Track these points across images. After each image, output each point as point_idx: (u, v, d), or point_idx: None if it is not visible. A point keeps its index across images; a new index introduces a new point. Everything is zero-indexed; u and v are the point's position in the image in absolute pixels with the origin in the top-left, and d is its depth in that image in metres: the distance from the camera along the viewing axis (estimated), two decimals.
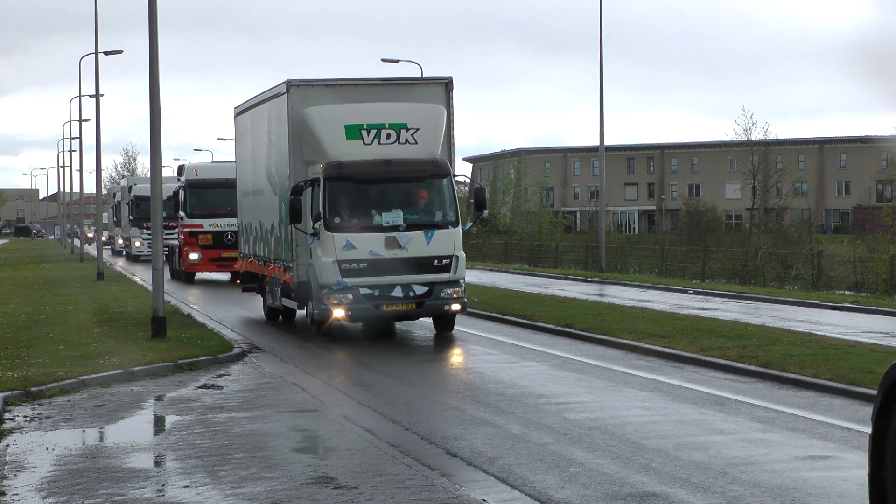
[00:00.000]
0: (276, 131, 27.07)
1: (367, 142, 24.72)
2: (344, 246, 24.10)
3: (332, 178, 24.47)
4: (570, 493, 11.49)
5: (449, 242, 24.60)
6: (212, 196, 46.11)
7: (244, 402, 17.48)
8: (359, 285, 24.21)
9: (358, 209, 24.69)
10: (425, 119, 25.14)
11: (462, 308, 24.87)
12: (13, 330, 27.01)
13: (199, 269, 47.73)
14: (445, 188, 25.01)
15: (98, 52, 52.94)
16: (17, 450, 14.06)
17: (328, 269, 24.23)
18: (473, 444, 13.93)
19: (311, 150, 25.26)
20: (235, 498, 11.45)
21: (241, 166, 32.55)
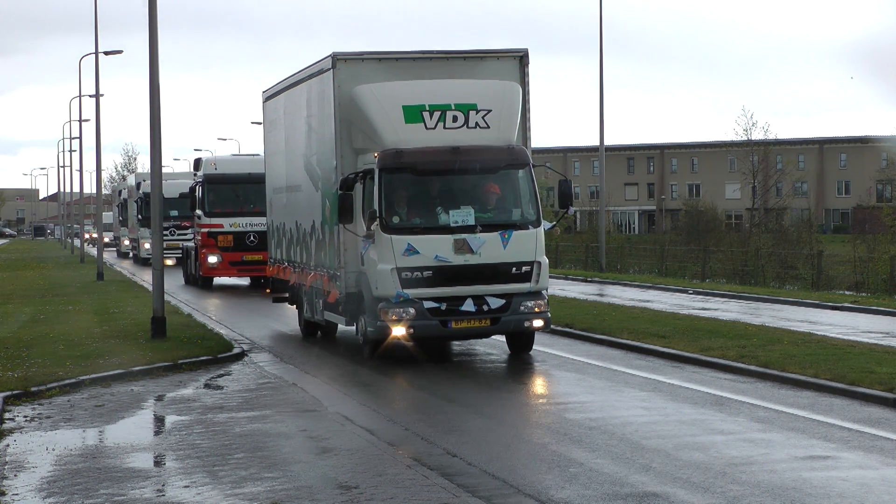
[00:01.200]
0: (318, 115, 23.25)
1: (430, 125, 20.87)
2: (404, 250, 20.26)
3: (389, 168, 20.53)
4: (571, 494, 11.49)
5: (529, 246, 20.79)
6: (233, 192, 42.29)
7: (244, 402, 17.48)
8: (422, 297, 20.37)
9: (421, 206, 20.95)
10: (498, 99, 21.28)
11: (545, 324, 21.04)
12: (13, 330, 27.01)
13: (218, 274, 43.05)
14: (524, 180, 21.21)
15: (98, 52, 52.97)
16: (17, 450, 14.07)
17: (385, 279, 20.34)
18: None
19: (362, 136, 21.42)
20: (235, 498, 11.45)
21: (272, 159, 28.28)
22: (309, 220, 24.23)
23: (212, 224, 42.25)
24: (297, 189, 25.34)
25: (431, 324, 20.42)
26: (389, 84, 21.42)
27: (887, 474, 12.02)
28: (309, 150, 24.05)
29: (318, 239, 23.57)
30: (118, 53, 56.56)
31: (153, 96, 24.99)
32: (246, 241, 41.93)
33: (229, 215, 42.11)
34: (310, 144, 23.95)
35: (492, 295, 20.56)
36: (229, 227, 42.11)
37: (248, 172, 40.71)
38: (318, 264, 23.53)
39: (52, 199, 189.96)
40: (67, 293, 40.34)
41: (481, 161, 20.88)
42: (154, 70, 24.91)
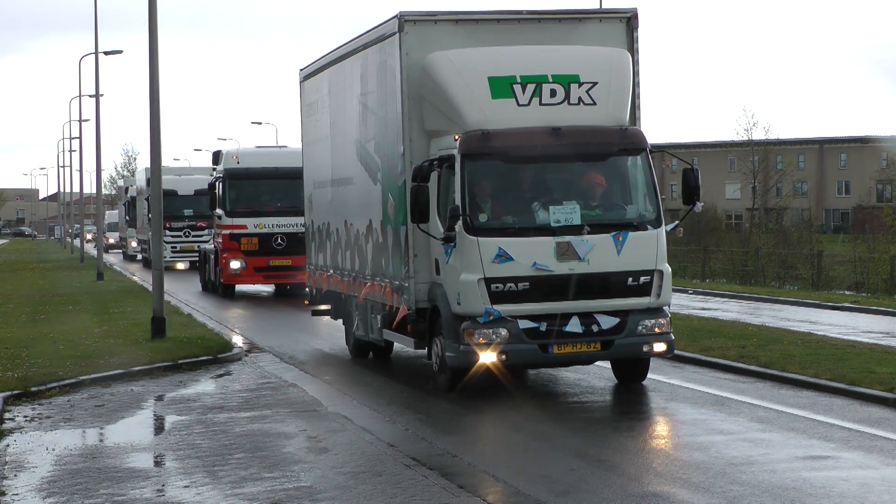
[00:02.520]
0: (377, 92, 19.20)
1: (523, 101, 16.97)
2: (494, 256, 16.39)
3: (473, 154, 16.68)
4: (570, 493, 11.49)
5: (648, 250, 16.81)
6: (258, 189, 37.61)
7: (244, 402, 17.49)
8: (517, 315, 16.45)
9: (513, 201, 17.07)
10: (605, 69, 17.41)
11: (668, 349, 17.05)
12: (13, 330, 27.01)
13: (241, 281, 38.21)
14: (641, 169, 17.29)
15: (98, 52, 52.93)
16: (17, 450, 14.07)
17: (471, 292, 16.42)
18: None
19: (437, 115, 17.46)
20: (235, 498, 11.46)
21: (312, 148, 24.17)
22: (364, 218, 20.26)
23: (234, 225, 37.56)
24: (348, 182, 21.34)
25: (529, 348, 16.50)
26: (471, 51, 17.61)
27: (887, 474, 12.02)
28: (364, 134, 20.13)
29: (376, 242, 19.48)
30: (118, 53, 56.54)
31: (153, 96, 24.99)
32: (273, 244, 37.13)
33: (254, 215, 37.44)
34: (365, 128, 20.04)
35: (602, 312, 16.68)
36: (254, 228, 37.39)
37: (275, 166, 36.99)
38: (377, 273, 19.44)
39: (52, 199, 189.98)
40: (67, 293, 40.33)
41: (588, 145, 17.06)
42: (154, 70, 24.91)
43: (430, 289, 17.50)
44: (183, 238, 54.56)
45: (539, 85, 17.06)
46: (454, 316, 16.75)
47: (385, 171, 18.93)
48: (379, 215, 19.24)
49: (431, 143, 17.62)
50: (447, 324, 16.90)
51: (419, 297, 17.72)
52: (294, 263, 35.11)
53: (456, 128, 16.96)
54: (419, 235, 17.43)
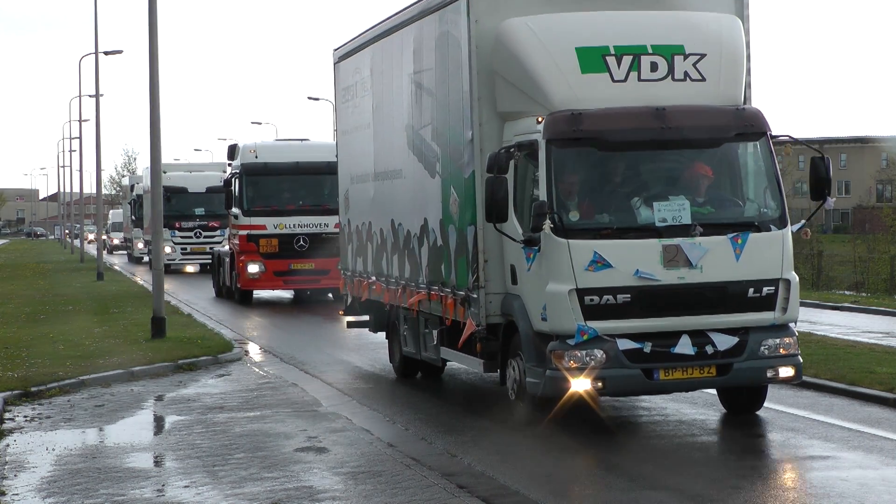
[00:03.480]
0: (437, 68, 16.43)
1: (619, 76, 14.21)
2: (589, 263, 13.64)
3: (562, 140, 13.90)
4: (568, 493, 11.49)
5: (772, 255, 14.13)
6: (278, 186, 34.77)
7: (244, 402, 17.49)
8: (617, 334, 13.69)
9: (611, 196, 14.34)
10: (714, 38, 14.64)
11: (796, 373, 14.30)
12: (13, 330, 27.01)
13: (260, 287, 35.35)
14: (761, 158, 14.61)
15: (98, 52, 52.93)
16: (17, 450, 14.07)
17: (560, 305, 13.68)
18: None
19: (513, 93, 14.74)
20: (235, 498, 11.46)
21: (350, 137, 21.09)
22: (417, 217, 17.38)
23: (252, 225, 34.47)
24: (396, 176, 18.44)
25: (630, 374, 13.74)
26: (555, 17, 14.75)
27: (887, 474, 12.02)
28: (418, 119, 17.26)
29: (434, 245, 16.71)
30: (118, 53, 56.56)
31: (153, 96, 25.01)
32: (294, 246, 34.05)
33: (274, 214, 34.42)
34: (420, 112, 17.19)
35: (718, 330, 13.93)
36: (274, 228, 34.34)
37: (296, 161, 34.48)
38: (435, 281, 16.64)
39: (52, 199, 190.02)
40: (67, 293, 40.33)
41: (699, 128, 14.29)
42: (154, 70, 24.93)
43: (505, 301, 14.82)
44: (193, 239, 51.67)
45: (637, 57, 14.28)
46: (537, 334, 14.05)
47: (446, 161, 16.13)
48: (437, 213, 16.46)
49: (505, 128, 14.94)
50: (528, 344, 14.20)
51: (491, 310, 14.99)
52: (318, 267, 33.62)
53: (538, 108, 14.20)
54: (491, 237, 14.77)
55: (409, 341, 18.47)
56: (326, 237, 33.32)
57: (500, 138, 14.90)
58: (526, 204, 14.33)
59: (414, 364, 18.90)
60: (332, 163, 33.11)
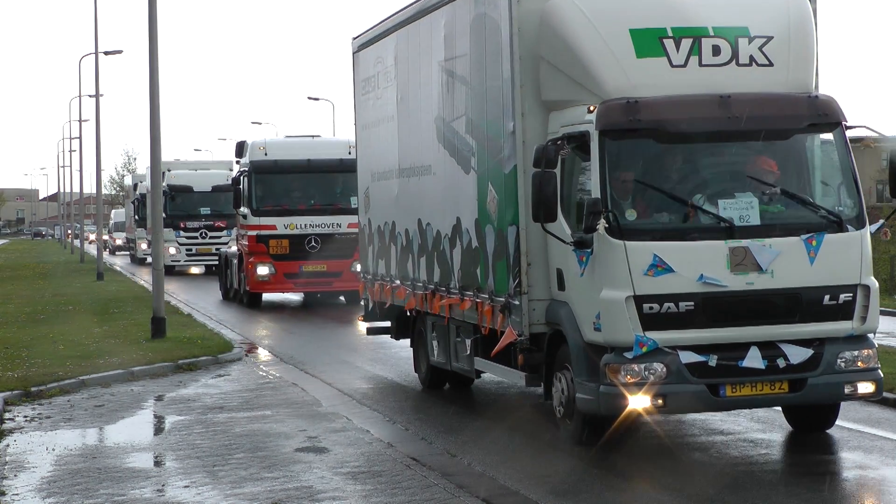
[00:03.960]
0: (472, 54, 15.16)
1: (678, 61, 12.88)
2: (649, 267, 12.32)
3: (617, 130, 12.62)
4: (568, 493, 11.50)
5: (850, 259, 12.85)
6: (288, 184, 33.37)
7: (244, 402, 17.49)
8: (679, 346, 12.36)
9: (671, 193, 12.86)
10: (781, 19, 13.32)
11: (876, 389, 12.92)
12: (13, 330, 27.02)
13: (270, 289, 33.76)
14: (836, 150, 13.16)
15: (98, 52, 52.93)
16: (17, 450, 14.07)
17: (616, 314, 12.38)
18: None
19: (560, 80, 13.38)
20: (235, 498, 11.46)
21: (371, 132, 19.71)
22: (448, 216, 16.11)
23: (261, 225, 32.99)
24: (424, 172, 17.12)
25: (694, 390, 12.37)
26: None
27: (887, 474, 12.02)
28: (450, 110, 16.03)
29: (468, 247, 15.41)
30: (118, 53, 56.57)
31: (153, 96, 25.02)
32: (306, 247, 32.66)
33: (284, 214, 32.99)
34: (452, 102, 15.94)
35: (790, 341, 12.58)
36: (284, 228, 32.89)
37: (308, 158, 33.14)
38: (469, 286, 15.39)
39: (52, 199, 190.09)
40: (67, 293, 40.33)
41: (768, 118, 12.89)
42: (154, 70, 24.94)
43: (551, 308, 13.53)
44: (199, 240, 49.71)
45: (697, 40, 12.95)
46: (588, 345, 12.78)
47: (483, 155, 14.84)
48: (472, 212, 15.14)
49: (550, 118, 13.61)
50: (578, 356, 12.90)
51: (534, 318, 13.68)
52: (330, 269, 32.69)
53: (589, 96, 12.90)
54: (534, 238, 13.54)
55: (438, 350, 17.16)
56: (339, 238, 32.62)
57: (544, 130, 13.56)
58: (574, 202, 13.07)
59: (442, 376, 17.67)
60: (345, 160, 31.85)
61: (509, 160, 13.91)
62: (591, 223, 12.36)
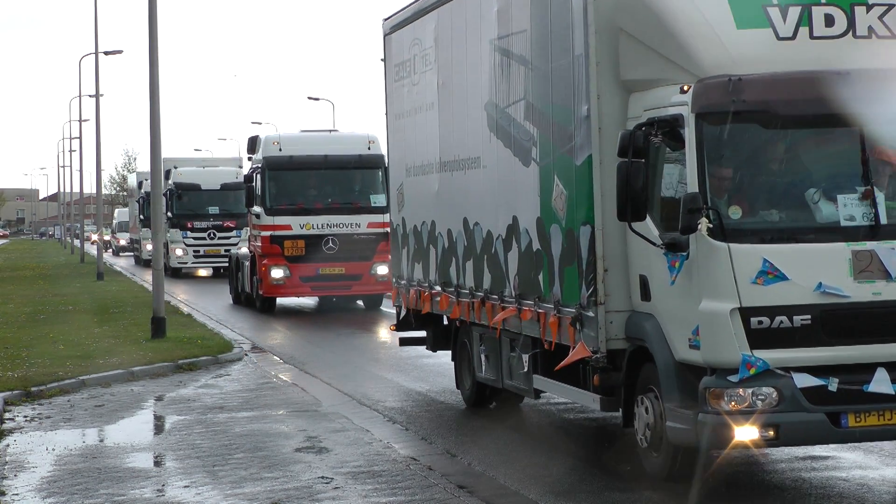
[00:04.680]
0: (534, 30, 13.29)
1: (785, 33, 11.04)
2: (758, 274, 10.58)
3: (717, 113, 10.78)
4: (567, 493, 11.50)
5: None
6: (304, 181, 31.49)
7: (244, 402, 17.49)
8: (793, 367, 10.60)
9: (781, 187, 11.09)
10: None
11: None
12: (13, 330, 27.02)
13: (285, 293, 32.01)
14: None
15: (98, 52, 52.97)
16: (17, 450, 14.07)
17: (719, 329, 10.59)
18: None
19: (645, 56, 11.58)
20: (235, 498, 11.46)
21: (405, 122, 17.84)
22: (502, 215, 14.25)
23: (276, 225, 31.08)
24: (471, 165, 15.32)
25: (812, 419, 10.61)
26: None
27: (887, 474, 12.01)
28: (504, 94, 14.17)
29: (527, 249, 13.57)
30: (118, 53, 56.60)
31: (153, 96, 25.03)
32: (323, 249, 30.88)
33: (300, 213, 31.10)
34: (507, 86, 14.09)
35: None
36: (300, 228, 30.98)
37: (325, 154, 31.32)
38: (528, 294, 13.54)
39: (52, 199, 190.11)
40: (67, 293, 40.34)
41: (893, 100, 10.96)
42: (154, 70, 24.96)
43: (632, 321, 11.76)
44: (207, 240, 47.68)
45: (807, 8, 11.07)
46: (681, 365, 11.07)
47: (547, 145, 13.00)
48: (533, 210, 13.33)
49: (631, 101, 11.79)
50: (668, 377, 11.18)
51: (612, 333, 11.87)
52: (348, 271, 30.98)
53: (681, 74, 11.09)
54: (612, 240, 11.80)
55: (487, 366, 15.35)
56: (358, 238, 31.12)
57: (623, 114, 11.79)
58: (659, 198, 11.33)
59: (487, 392, 16.02)
60: (364, 156, 31.03)
61: (582, 149, 12.08)
62: (689, 222, 10.58)
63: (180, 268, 48.62)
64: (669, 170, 11.28)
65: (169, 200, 46.84)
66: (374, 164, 31.17)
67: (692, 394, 10.82)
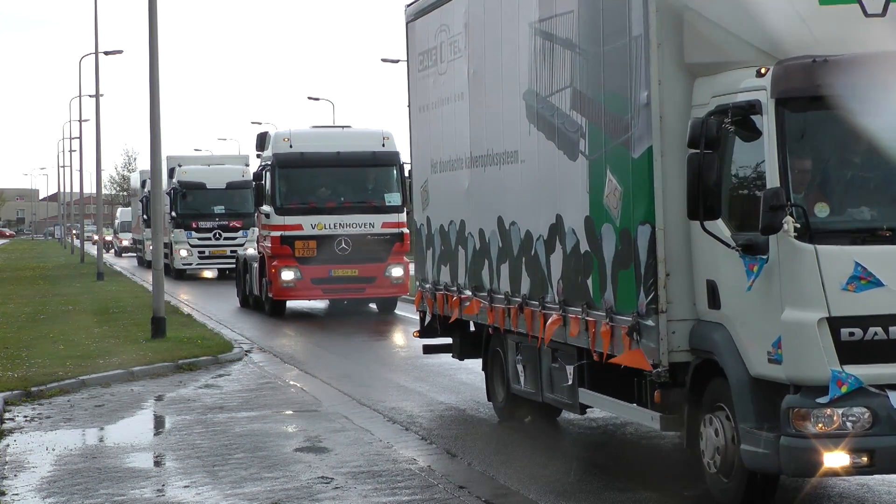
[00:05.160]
0: (581, 10, 12.13)
1: (873, 9, 10.00)
2: (849, 279, 9.47)
3: (800, 99, 9.74)
4: (567, 493, 11.50)
5: None
6: (316, 179, 30.12)
7: (244, 402, 17.49)
8: (889, 384, 9.56)
9: (873, 182, 10.02)
10: None
11: None
12: (13, 330, 27.02)
13: (296, 296, 30.69)
14: None
15: (98, 52, 52.96)
16: (17, 450, 14.07)
17: (805, 341, 9.51)
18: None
19: (712, 35, 10.49)
20: (235, 498, 11.46)
21: (431, 114, 16.50)
22: (544, 213, 12.98)
23: (286, 225, 29.74)
24: (507, 159, 13.95)
25: None
26: None
27: (887, 475, 12.00)
28: (546, 82, 12.91)
29: (573, 250, 12.31)
30: (118, 53, 56.60)
31: (153, 96, 25.04)
32: (335, 249, 29.59)
33: (311, 212, 29.75)
34: (549, 72, 12.86)
35: None
36: (311, 228, 29.65)
37: (337, 151, 29.99)
38: (575, 299, 12.28)
39: (52, 199, 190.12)
40: (67, 293, 40.34)
41: None
42: (154, 70, 24.96)
43: (697, 331, 10.60)
44: (212, 241, 46.19)
45: None
46: (757, 382, 9.93)
47: (597, 136, 11.78)
48: (581, 208, 12.06)
49: (696, 86, 10.64)
50: (742, 395, 10.03)
51: (674, 344, 10.70)
52: (362, 273, 29.77)
53: (757, 55, 10.00)
54: (674, 241, 10.66)
55: (525, 377, 14.05)
56: (372, 239, 29.90)
57: (687, 102, 10.68)
58: (729, 194, 10.17)
59: (519, 404, 14.75)
60: (379, 153, 29.91)
61: (640, 141, 10.90)
62: (771, 221, 9.38)
63: (185, 269, 47.36)
64: (744, 162, 10.10)
65: (173, 200, 45.97)
66: (388, 162, 30.39)
67: (771, 414, 9.72)
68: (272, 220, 29.99)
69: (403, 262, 29.73)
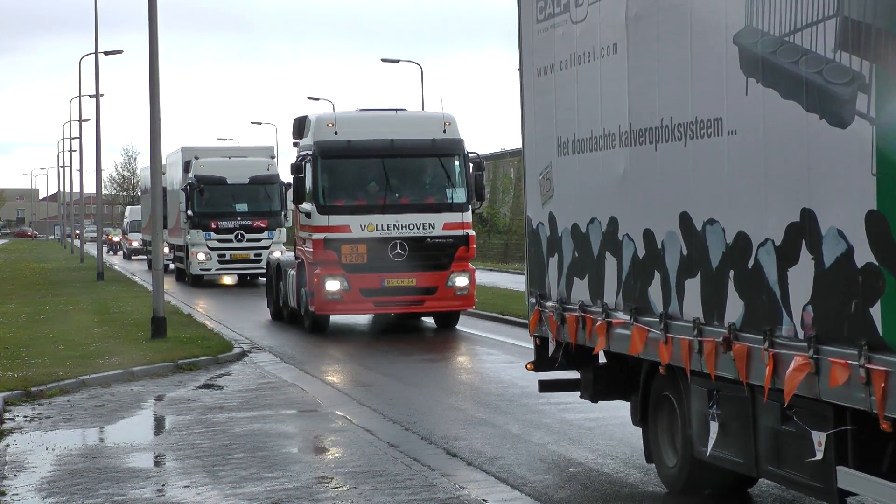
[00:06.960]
0: None
1: None
2: None
3: None
4: (570, 493, 11.50)
5: None
6: (365, 171, 25.74)
7: (244, 402, 17.49)
8: None
9: None
10: None
11: None
12: (13, 330, 27.03)
13: (342, 310, 25.87)
14: None
15: (98, 52, 52.96)
16: (17, 450, 14.07)
17: None
18: (473, 444, 13.91)
19: None
20: (235, 498, 11.46)
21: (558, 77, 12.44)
22: (775, 208, 8.97)
23: (331, 226, 25.21)
24: (701, 132, 9.86)
25: None
26: None
27: None
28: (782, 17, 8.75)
29: (836, 264, 8.29)
30: (118, 53, 56.61)
31: (153, 96, 25.05)
32: (389, 255, 25.14)
33: (360, 211, 25.34)
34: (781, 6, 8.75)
35: None
36: (361, 230, 25.17)
37: (391, 139, 25.51)
38: (842, 334, 8.23)
39: (52, 199, 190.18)
40: (67, 293, 40.34)
41: None
42: (154, 70, 24.97)
43: None
44: (234, 243, 41.27)
45: None
46: None
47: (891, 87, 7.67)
48: (857, 198, 8.01)
49: None
50: None
51: None
52: (420, 283, 25.31)
53: None
54: None
55: (723, 440, 10.00)
56: (432, 243, 25.45)
57: None
58: None
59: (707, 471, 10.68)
60: (440, 140, 25.57)
61: None
62: None
63: (202, 275, 42.20)
64: None
65: (189, 196, 41.45)
66: (451, 151, 25.91)
67: None
68: (314, 220, 25.50)
69: (469, 269, 25.85)
